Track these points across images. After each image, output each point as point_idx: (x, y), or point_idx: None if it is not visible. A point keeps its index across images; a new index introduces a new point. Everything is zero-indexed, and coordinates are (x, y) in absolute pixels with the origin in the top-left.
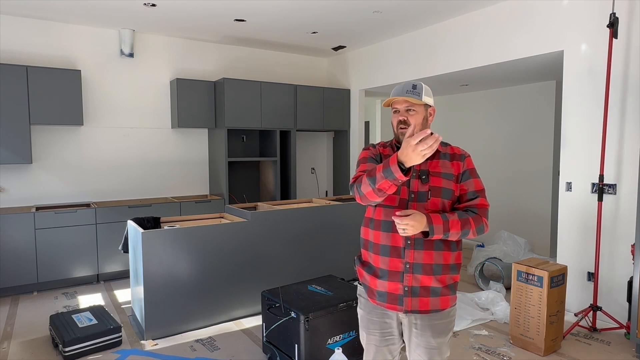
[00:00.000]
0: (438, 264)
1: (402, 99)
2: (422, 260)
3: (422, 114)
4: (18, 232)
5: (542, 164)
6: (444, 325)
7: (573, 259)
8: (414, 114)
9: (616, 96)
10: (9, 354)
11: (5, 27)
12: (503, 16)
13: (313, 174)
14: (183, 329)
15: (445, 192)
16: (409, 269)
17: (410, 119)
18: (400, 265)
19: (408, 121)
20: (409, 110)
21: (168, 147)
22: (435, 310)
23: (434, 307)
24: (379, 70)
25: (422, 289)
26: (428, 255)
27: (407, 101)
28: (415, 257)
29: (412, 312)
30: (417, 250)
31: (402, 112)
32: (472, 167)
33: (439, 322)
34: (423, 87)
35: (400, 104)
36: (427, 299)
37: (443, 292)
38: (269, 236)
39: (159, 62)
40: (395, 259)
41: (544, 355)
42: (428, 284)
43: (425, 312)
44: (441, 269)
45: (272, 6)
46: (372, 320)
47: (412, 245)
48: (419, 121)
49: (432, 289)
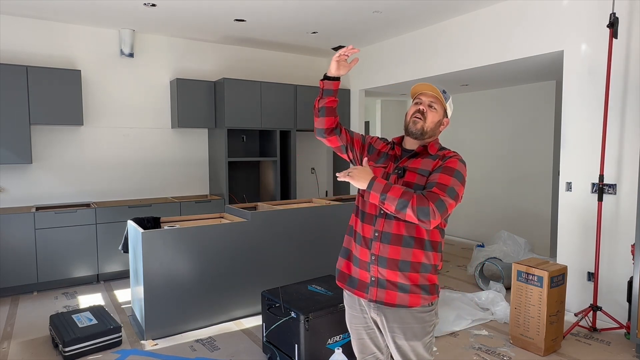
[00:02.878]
0: (405, 260)
1: (431, 93)
2: (387, 254)
3: (439, 117)
4: (18, 232)
5: (542, 164)
6: (418, 329)
7: (573, 259)
8: (434, 112)
9: (616, 96)
10: (9, 354)
11: (5, 27)
12: (503, 16)
13: (313, 174)
14: (183, 329)
15: (417, 187)
16: (374, 260)
17: (429, 113)
18: (367, 256)
19: (426, 114)
20: (431, 105)
21: (168, 147)
22: (403, 306)
23: (400, 302)
24: (379, 70)
25: (389, 282)
26: (394, 250)
27: (434, 96)
28: (381, 250)
29: (377, 302)
30: (383, 244)
31: (424, 104)
32: (449, 166)
33: (413, 325)
34: (450, 97)
35: (427, 96)
36: (394, 292)
37: (412, 289)
38: (269, 236)
39: (159, 62)
40: (364, 249)
41: (544, 355)
42: (394, 279)
43: (391, 305)
44: (409, 267)
45: (272, 6)
46: (353, 315)
47: (378, 237)
48: (434, 120)
49: (400, 284)
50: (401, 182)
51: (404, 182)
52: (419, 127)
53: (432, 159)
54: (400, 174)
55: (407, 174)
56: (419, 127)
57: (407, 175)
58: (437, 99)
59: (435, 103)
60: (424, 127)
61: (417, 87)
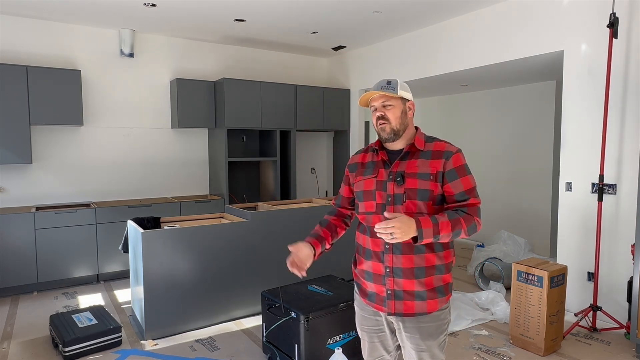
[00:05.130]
0: (420, 267)
1: (378, 95)
2: (402, 264)
3: (400, 108)
4: (18, 232)
5: (542, 164)
6: (433, 328)
7: (573, 259)
8: (391, 108)
9: (616, 96)
10: (9, 354)
11: (5, 27)
12: (503, 16)
13: (313, 174)
14: (183, 329)
15: (422, 193)
16: (389, 272)
17: (388, 113)
18: (381, 269)
19: (386, 116)
20: (385, 105)
21: (168, 147)
22: (422, 314)
23: (419, 310)
24: (379, 70)
25: (406, 292)
26: (407, 259)
27: (383, 96)
28: (395, 261)
29: (396, 314)
30: (395, 255)
31: (379, 108)
32: (459, 165)
33: (428, 324)
34: (398, 82)
35: (377, 100)
36: (412, 302)
37: (429, 295)
38: (269, 236)
39: (159, 62)
40: (376, 263)
41: (544, 355)
42: (411, 288)
43: (410, 315)
44: (424, 272)
45: (272, 6)
46: (365, 317)
47: (390, 249)
48: (397, 115)
49: (417, 293)
50: (402, 189)
51: (406, 189)
52: (388, 130)
53: (427, 157)
54: (400, 181)
55: (406, 180)
56: (388, 130)
57: (407, 181)
58: (386, 96)
59: (388, 100)
60: (392, 128)
61: (363, 97)
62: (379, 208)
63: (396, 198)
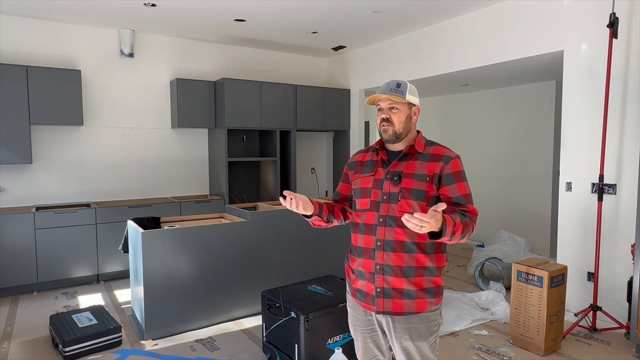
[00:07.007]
0: (410, 266)
1: (386, 97)
2: (392, 262)
3: (406, 113)
4: (18, 232)
5: (542, 164)
6: (423, 329)
7: (573, 259)
8: (397, 112)
9: (616, 96)
10: (9, 354)
11: (5, 27)
12: (503, 16)
13: (313, 174)
14: (183, 329)
15: (417, 193)
16: (379, 270)
17: (393, 117)
18: (371, 267)
19: (391, 119)
20: (392, 108)
21: (168, 147)
22: (410, 313)
23: (408, 310)
24: (379, 70)
25: (395, 290)
26: (398, 257)
27: (390, 99)
28: (385, 258)
29: (385, 313)
30: (386, 252)
31: (385, 110)
32: (457, 170)
33: (418, 325)
34: (408, 86)
35: (384, 102)
36: (400, 301)
37: (419, 295)
38: (269, 236)
39: (159, 62)
40: (367, 260)
41: (544, 355)
42: (400, 286)
43: (399, 313)
44: (414, 272)
45: (272, 6)
46: (357, 317)
47: (381, 246)
48: (401, 119)
49: (406, 291)
50: (398, 188)
51: (402, 188)
52: (391, 132)
53: (425, 159)
54: (396, 180)
55: (403, 180)
56: (390, 133)
57: (403, 181)
58: (393, 100)
59: (395, 103)
60: (395, 131)
61: (371, 98)
62: (374, 205)
63: (391, 196)
